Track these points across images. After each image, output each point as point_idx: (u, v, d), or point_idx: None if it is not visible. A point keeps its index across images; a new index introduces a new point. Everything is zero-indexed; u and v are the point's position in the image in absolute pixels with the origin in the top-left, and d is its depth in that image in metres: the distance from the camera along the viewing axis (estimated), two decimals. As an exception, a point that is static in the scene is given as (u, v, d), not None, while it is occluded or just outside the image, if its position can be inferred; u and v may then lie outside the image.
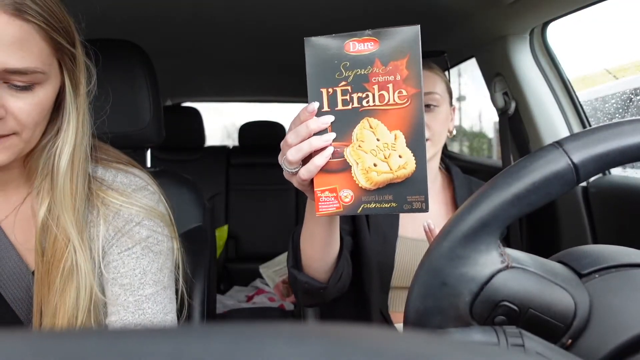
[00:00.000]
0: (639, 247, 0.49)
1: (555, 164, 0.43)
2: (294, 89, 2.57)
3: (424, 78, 1.02)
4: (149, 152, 1.12)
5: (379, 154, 0.59)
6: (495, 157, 4.14)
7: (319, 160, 0.59)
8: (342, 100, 0.59)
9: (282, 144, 0.63)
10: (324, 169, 0.60)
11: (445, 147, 2.03)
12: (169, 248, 0.72)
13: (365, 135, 0.59)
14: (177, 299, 0.75)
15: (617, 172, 1.32)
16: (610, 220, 1.19)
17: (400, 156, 0.59)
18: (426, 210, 0.59)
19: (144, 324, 0.67)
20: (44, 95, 0.59)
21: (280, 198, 2.56)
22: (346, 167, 0.60)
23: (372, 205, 0.60)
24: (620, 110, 1.49)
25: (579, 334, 0.42)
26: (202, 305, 0.95)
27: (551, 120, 1.35)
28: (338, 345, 0.17)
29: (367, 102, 0.58)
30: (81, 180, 0.65)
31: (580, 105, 1.36)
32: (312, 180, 0.62)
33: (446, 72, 1.13)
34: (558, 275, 0.44)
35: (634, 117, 0.45)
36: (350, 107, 0.59)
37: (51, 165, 0.64)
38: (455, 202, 1.06)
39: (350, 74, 0.58)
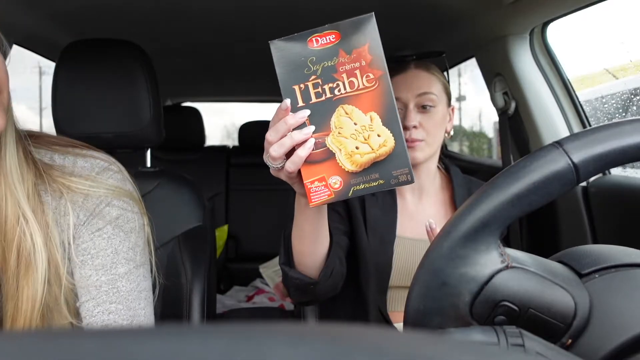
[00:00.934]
0: (639, 247, 0.49)
1: (555, 163, 0.43)
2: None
3: (421, 79, 1.02)
4: (148, 152, 1.12)
5: (359, 137, 0.62)
6: (495, 157, 4.14)
7: (302, 152, 0.62)
8: (315, 93, 0.62)
9: (265, 143, 0.65)
10: (310, 161, 0.62)
11: (444, 147, 2.03)
12: (140, 226, 0.72)
13: (343, 121, 0.62)
14: (151, 275, 0.74)
15: (617, 172, 1.32)
16: (610, 220, 1.19)
17: (378, 135, 0.62)
18: (412, 181, 0.63)
19: (119, 304, 0.66)
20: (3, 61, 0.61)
21: (280, 198, 2.55)
22: (330, 156, 0.62)
23: (362, 186, 0.63)
24: (620, 110, 1.49)
25: (579, 333, 0.42)
26: (202, 305, 0.95)
27: (551, 120, 1.35)
28: (338, 345, 0.17)
29: (339, 90, 0.62)
30: (22, 157, 0.65)
31: (580, 105, 1.36)
32: (300, 174, 0.64)
33: (445, 73, 1.12)
34: (558, 275, 0.44)
35: (634, 117, 0.45)
36: (323, 98, 0.62)
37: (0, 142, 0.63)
38: (454, 202, 1.06)
39: (318, 67, 0.61)
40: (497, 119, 1.53)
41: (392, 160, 0.62)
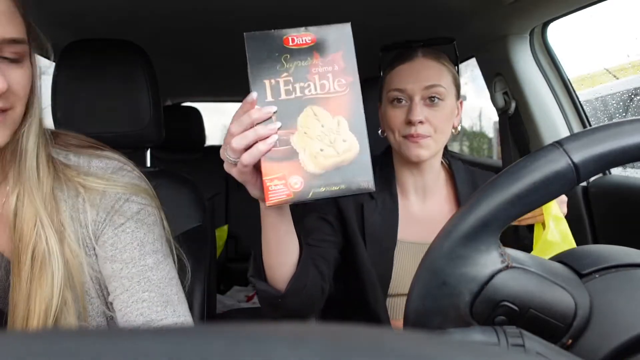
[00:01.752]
0: (639, 247, 0.49)
1: (555, 163, 0.43)
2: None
3: (429, 69, 0.95)
4: (148, 152, 1.12)
5: (324, 139, 0.62)
6: (495, 157, 4.13)
7: (262, 146, 0.60)
8: (285, 90, 0.62)
9: (225, 137, 0.64)
10: (271, 158, 0.62)
11: (445, 146, 2.01)
12: (157, 221, 0.73)
13: (310, 122, 0.62)
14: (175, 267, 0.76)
15: (617, 171, 1.32)
16: (611, 220, 1.19)
17: (344, 140, 0.62)
18: (373, 189, 0.63)
19: (152, 292, 0.68)
20: (29, 69, 0.62)
21: (280, 198, 2.55)
22: (293, 155, 0.62)
23: (322, 189, 0.62)
24: (620, 110, 1.49)
25: (579, 334, 0.42)
26: (202, 305, 0.95)
27: (551, 120, 1.35)
28: (337, 345, 0.17)
29: (309, 91, 0.62)
30: (44, 162, 0.66)
31: (581, 104, 1.36)
32: (254, 171, 0.64)
33: (456, 66, 1.04)
34: (558, 275, 0.44)
35: (634, 117, 0.45)
36: (293, 96, 0.62)
37: (20, 148, 0.64)
38: (457, 199, 1.02)
39: (291, 65, 0.62)
40: (497, 118, 1.53)
41: (356, 166, 0.62)
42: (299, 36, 0.62)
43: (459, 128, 1.04)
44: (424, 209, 1.03)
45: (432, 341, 0.18)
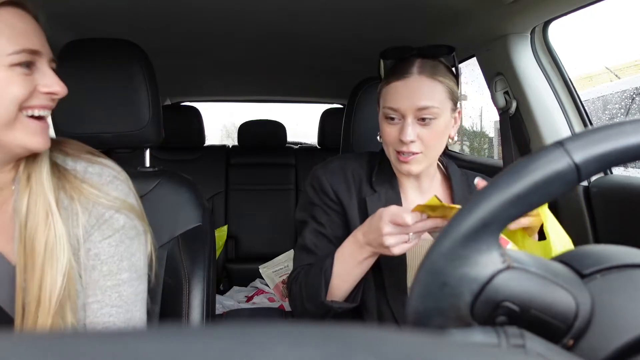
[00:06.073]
0: (641, 247, 0.49)
1: (556, 163, 0.42)
2: (294, 88, 2.57)
3: (423, 88, 0.92)
4: (147, 152, 1.12)
5: None
6: (496, 157, 4.13)
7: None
8: None
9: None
10: None
11: (445, 147, 2.01)
12: (140, 235, 0.78)
13: None
14: (149, 283, 0.82)
15: (618, 171, 1.32)
16: (612, 220, 1.19)
17: None
18: None
19: (120, 307, 0.74)
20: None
21: (280, 198, 2.55)
22: None
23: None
24: (622, 110, 1.49)
25: (580, 334, 0.42)
26: (201, 305, 0.95)
27: (552, 119, 1.34)
28: (337, 345, 0.17)
29: None
30: (51, 165, 0.72)
31: (582, 104, 1.35)
32: None
33: (454, 69, 1.01)
34: (559, 276, 0.44)
35: (635, 117, 0.45)
36: None
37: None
38: (453, 200, 1.04)
39: None
40: (497, 118, 1.53)
41: None
42: None
43: (456, 138, 1.04)
44: None
45: (432, 341, 0.18)
